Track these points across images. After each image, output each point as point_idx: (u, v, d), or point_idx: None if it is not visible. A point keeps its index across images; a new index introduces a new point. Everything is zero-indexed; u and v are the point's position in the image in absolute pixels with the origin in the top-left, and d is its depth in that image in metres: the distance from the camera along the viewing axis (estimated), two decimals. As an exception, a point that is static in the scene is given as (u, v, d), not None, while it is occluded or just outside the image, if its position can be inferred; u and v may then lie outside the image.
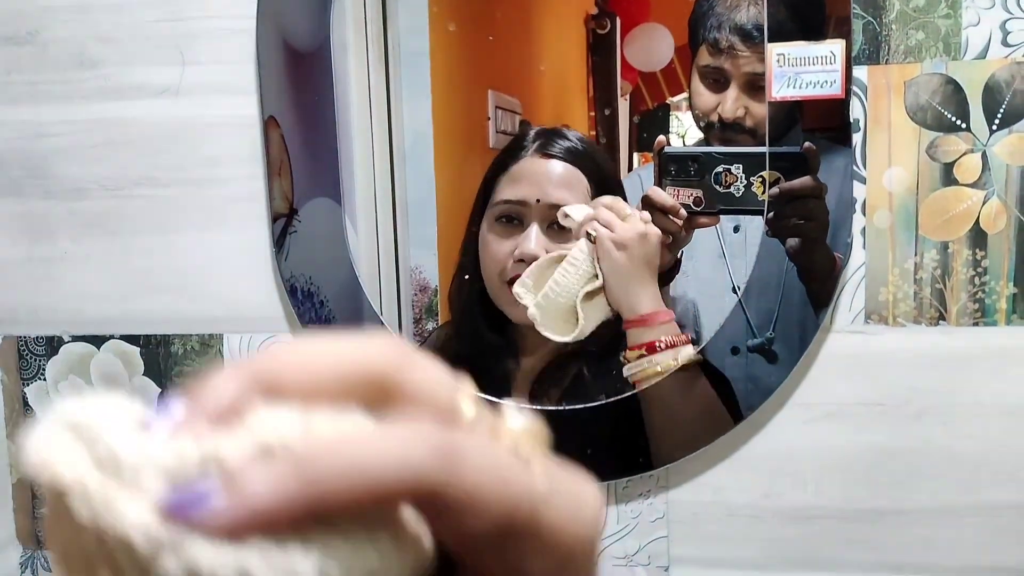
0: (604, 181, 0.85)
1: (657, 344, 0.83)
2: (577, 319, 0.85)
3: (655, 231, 0.83)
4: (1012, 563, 0.87)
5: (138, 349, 0.98)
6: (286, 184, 0.90)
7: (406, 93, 0.88)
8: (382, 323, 0.90)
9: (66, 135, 0.94)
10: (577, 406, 0.86)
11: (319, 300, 0.91)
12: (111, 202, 0.95)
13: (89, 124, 0.93)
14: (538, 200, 0.84)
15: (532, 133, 0.86)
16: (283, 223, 0.90)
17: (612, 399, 0.86)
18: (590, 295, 0.85)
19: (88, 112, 0.93)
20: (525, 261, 0.85)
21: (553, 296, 0.85)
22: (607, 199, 0.84)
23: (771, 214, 0.81)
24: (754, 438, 0.89)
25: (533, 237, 0.84)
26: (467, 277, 0.89)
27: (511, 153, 0.86)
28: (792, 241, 0.82)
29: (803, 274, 0.82)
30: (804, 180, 0.81)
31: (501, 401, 0.85)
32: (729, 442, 0.88)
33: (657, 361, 0.83)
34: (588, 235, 0.83)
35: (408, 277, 0.90)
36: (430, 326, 0.90)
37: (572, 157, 0.85)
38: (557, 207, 0.84)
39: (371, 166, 0.89)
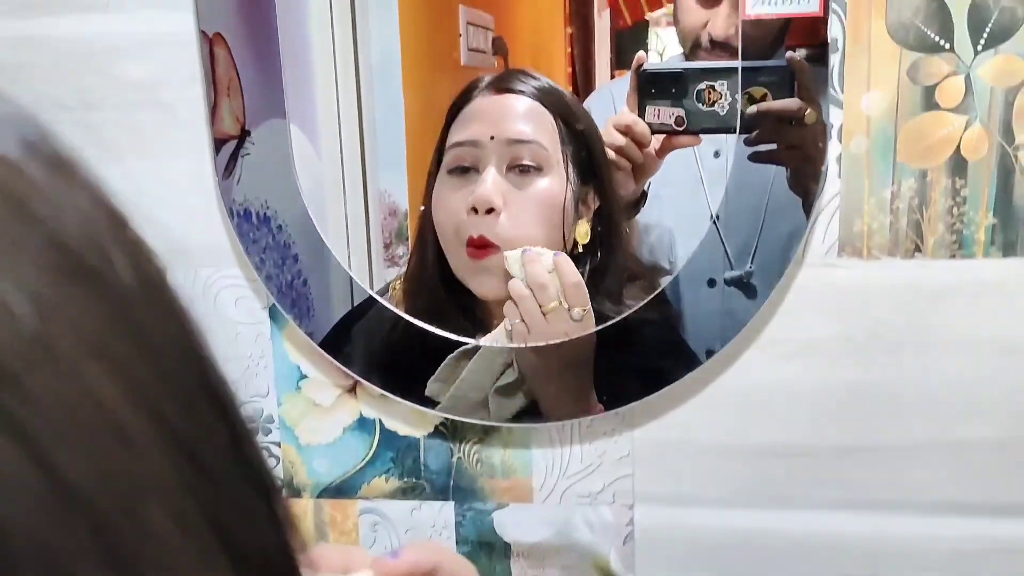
0: (572, 126, 0.78)
1: None
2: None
3: (580, 329, 0.76)
4: (983, 499, 0.85)
5: (77, 284, 0.92)
6: (236, 104, 0.84)
7: (372, 7, 0.82)
8: (347, 247, 0.85)
9: (-11, 54, 0.87)
10: (541, 343, 0.83)
11: (276, 225, 0.86)
12: (42, 127, 0.89)
13: (13, 42, 0.87)
14: (492, 137, 0.76)
15: (486, 77, 0.79)
16: (234, 145, 0.85)
17: (575, 336, 0.82)
18: (505, 389, 0.81)
19: (9, 29, 0.86)
20: (478, 211, 0.76)
21: (461, 394, 0.82)
22: (540, 271, 0.75)
23: (753, 135, 0.77)
24: (723, 375, 0.86)
25: (489, 180, 0.75)
26: (420, 254, 0.83)
27: (461, 100, 0.79)
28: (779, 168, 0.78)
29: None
30: (787, 102, 0.76)
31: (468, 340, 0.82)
32: (697, 379, 0.85)
33: None
34: (505, 329, 0.78)
35: (377, 200, 0.85)
36: (400, 251, 0.86)
37: (533, 91, 0.78)
38: (517, 142, 0.76)
39: (334, 84, 0.84)
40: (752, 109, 0.76)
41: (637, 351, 0.83)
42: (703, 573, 0.90)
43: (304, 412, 0.92)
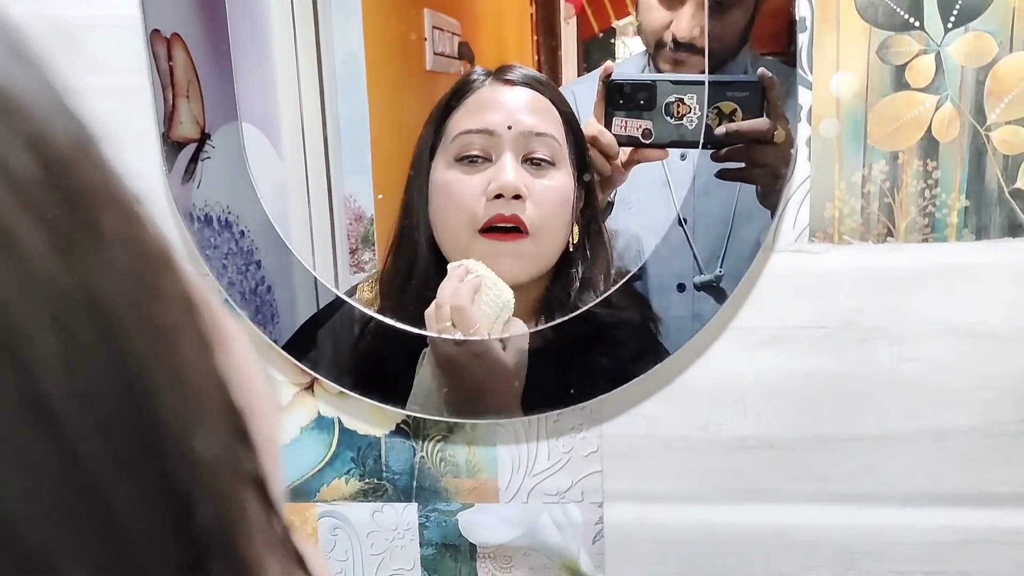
0: (571, 121, 0.76)
1: None
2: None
3: (465, 356, 0.76)
4: (957, 489, 0.83)
5: (18, 282, 0.88)
6: (196, 107, 0.81)
7: (335, 8, 0.79)
8: (312, 253, 0.82)
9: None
10: (504, 335, 0.79)
11: (239, 230, 0.83)
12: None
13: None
14: (509, 127, 0.74)
15: (480, 69, 0.77)
16: (193, 148, 0.81)
17: (541, 327, 0.80)
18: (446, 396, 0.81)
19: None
20: (504, 197, 0.73)
21: (418, 402, 0.81)
22: (445, 291, 0.76)
23: (722, 152, 0.75)
24: (692, 366, 0.83)
25: (510, 166, 0.73)
26: (408, 251, 0.80)
27: (461, 89, 0.76)
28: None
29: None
30: (757, 122, 0.74)
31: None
32: (665, 371, 0.82)
33: None
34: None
35: (342, 206, 0.82)
36: (366, 256, 0.83)
37: (537, 84, 0.75)
38: (535, 135, 0.74)
39: (296, 87, 0.81)
40: (721, 129, 0.74)
41: (605, 343, 0.80)
42: (676, 571, 0.88)
43: (259, 412, 0.89)
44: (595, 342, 0.80)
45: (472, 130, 0.75)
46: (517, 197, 0.74)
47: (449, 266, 0.77)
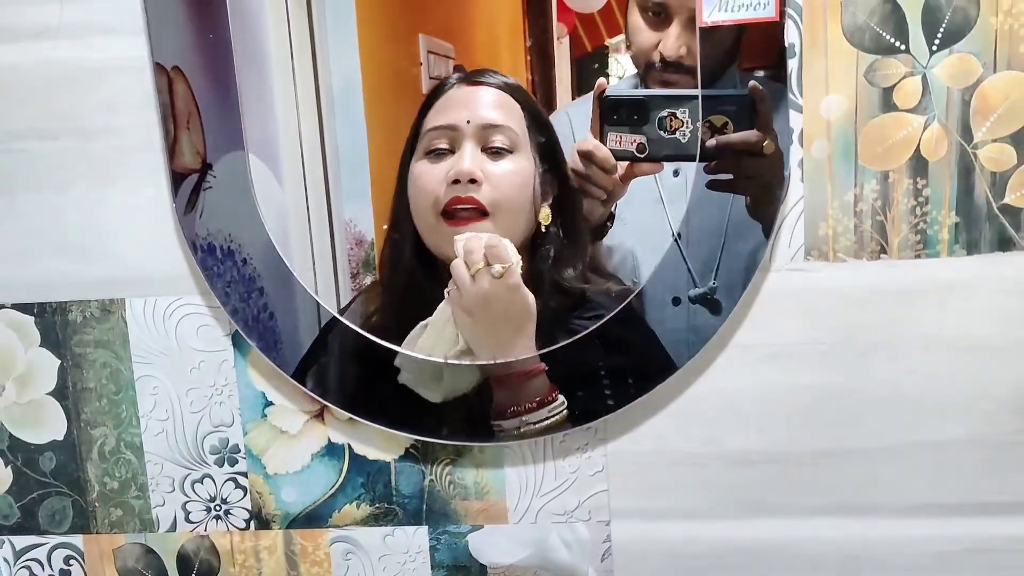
0: (537, 117, 0.80)
1: (526, 406, 0.82)
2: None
3: (501, 289, 0.78)
4: (957, 499, 0.85)
5: (32, 318, 0.90)
6: (196, 138, 0.83)
7: (331, 37, 0.82)
8: (314, 278, 0.84)
9: (-65, 85, 0.85)
10: (510, 359, 0.81)
11: (241, 258, 0.84)
12: (-9, 158, 0.86)
13: (-41, 71, 0.85)
14: (468, 121, 0.79)
15: (456, 74, 0.81)
16: (195, 179, 0.83)
17: (545, 350, 0.81)
18: (460, 354, 0.82)
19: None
20: (461, 181, 0.79)
21: (418, 367, 0.83)
22: (478, 241, 0.79)
23: (712, 164, 0.77)
24: (694, 384, 0.85)
25: (468, 155, 0.79)
26: (397, 236, 0.83)
27: (436, 92, 0.81)
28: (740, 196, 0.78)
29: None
30: (747, 134, 0.76)
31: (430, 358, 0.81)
32: (668, 389, 0.84)
33: (530, 420, 0.82)
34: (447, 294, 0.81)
35: (342, 230, 0.84)
36: (367, 280, 0.84)
37: (502, 85, 0.80)
38: (491, 126, 0.79)
39: (295, 115, 0.83)
40: (712, 142, 0.77)
41: (608, 363, 0.82)
42: (683, 587, 0.89)
43: (271, 440, 0.90)
44: (591, 358, 0.82)
45: (438, 126, 0.80)
46: (473, 181, 0.79)
47: (458, 236, 0.80)
